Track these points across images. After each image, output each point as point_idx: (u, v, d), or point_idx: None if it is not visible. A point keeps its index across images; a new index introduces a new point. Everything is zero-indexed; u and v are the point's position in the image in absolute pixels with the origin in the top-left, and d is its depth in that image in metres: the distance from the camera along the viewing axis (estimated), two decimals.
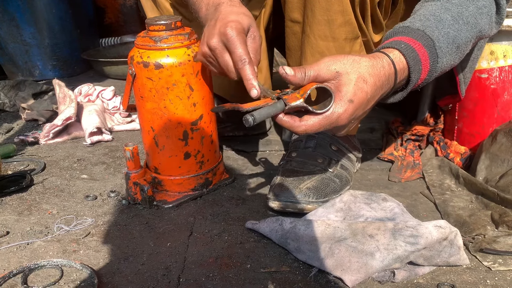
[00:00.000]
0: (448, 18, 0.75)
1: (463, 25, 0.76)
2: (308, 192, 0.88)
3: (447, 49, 0.74)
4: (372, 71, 0.67)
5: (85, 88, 1.44)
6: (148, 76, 0.87)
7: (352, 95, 0.65)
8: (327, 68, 0.66)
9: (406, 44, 0.71)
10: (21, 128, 1.40)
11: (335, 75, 0.66)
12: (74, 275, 0.74)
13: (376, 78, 0.67)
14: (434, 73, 0.74)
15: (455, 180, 0.98)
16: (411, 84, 0.73)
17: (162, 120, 0.90)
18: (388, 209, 0.82)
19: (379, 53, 0.71)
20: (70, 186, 1.04)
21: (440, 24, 0.74)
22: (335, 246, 0.72)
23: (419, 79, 0.73)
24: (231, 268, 0.75)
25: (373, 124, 1.30)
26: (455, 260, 0.72)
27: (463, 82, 0.96)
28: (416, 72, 0.72)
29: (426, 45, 0.72)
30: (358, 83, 0.65)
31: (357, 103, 0.66)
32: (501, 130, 0.94)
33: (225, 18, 0.75)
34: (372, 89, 0.67)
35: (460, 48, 0.77)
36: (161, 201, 0.94)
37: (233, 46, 0.73)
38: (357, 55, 0.68)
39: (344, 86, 0.65)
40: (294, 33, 0.93)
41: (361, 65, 0.66)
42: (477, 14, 0.78)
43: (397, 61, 0.70)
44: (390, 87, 0.70)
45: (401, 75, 0.71)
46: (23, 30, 1.85)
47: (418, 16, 0.76)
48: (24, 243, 0.83)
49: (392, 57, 0.69)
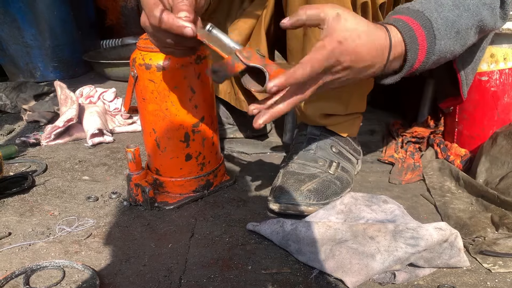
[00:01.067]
0: (448, 3, 0.75)
1: (464, 11, 0.76)
2: (309, 194, 0.88)
3: (445, 32, 0.74)
4: (368, 32, 0.66)
5: (86, 89, 1.45)
6: (150, 78, 0.87)
7: (342, 38, 0.64)
8: (332, 7, 0.65)
9: (404, 21, 0.71)
10: (23, 129, 1.40)
11: (335, 16, 0.65)
12: (76, 276, 0.74)
13: (371, 43, 0.66)
14: (432, 56, 0.74)
15: (455, 182, 0.98)
16: (408, 63, 0.72)
17: (163, 122, 0.90)
18: (389, 211, 0.82)
19: (379, 24, 0.71)
20: (72, 187, 1.04)
21: (440, 8, 0.74)
22: (336, 248, 0.73)
23: (416, 60, 0.73)
24: (232, 269, 0.75)
25: (374, 126, 1.30)
26: (456, 262, 0.73)
27: (465, 83, 0.96)
28: (413, 51, 0.71)
29: (424, 25, 0.72)
30: (352, 34, 0.65)
31: (345, 48, 0.64)
32: (501, 132, 0.94)
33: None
34: (364, 48, 0.66)
35: (460, 34, 0.76)
36: (162, 202, 0.94)
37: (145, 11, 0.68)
38: (361, 17, 0.68)
39: (338, 25, 0.64)
40: (296, 36, 0.93)
41: (361, 24, 0.66)
42: (479, 3, 0.78)
43: (394, 35, 0.70)
44: (383, 60, 0.70)
45: (395, 51, 0.70)
46: (25, 31, 1.86)
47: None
48: (26, 244, 0.83)
49: (390, 30, 0.70)
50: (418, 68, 0.75)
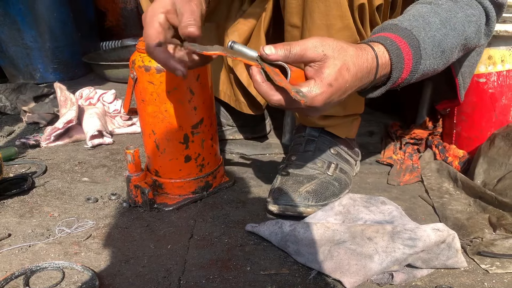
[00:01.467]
0: (436, 22, 0.76)
1: (450, 30, 0.77)
2: (307, 196, 0.89)
3: (431, 52, 0.74)
4: (356, 61, 0.67)
5: (86, 91, 1.45)
6: (150, 80, 0.88)
7: (333, 79, 0.64)
8: (315, 49, 0.65)
9: (392, 41, 0.71)
10: (22, 131, 1.41)
11: (322, 57, 0.65)
12: (76, 277, 0.75)
13: (358, 69, 0.67)
14: (416, 74, 0.74)
15: (453, 183, 0.99)
16: (390, 81, 0.73)
17: (163, 124, 0.91)
18: (387, 212, 0.82)
19: (365, 45, 0.71)
20: (71, 188, 1.04)
21: (428, 27, 0.75)
22: (334, 249, 0.73)
23: (399, 78, 0.73)
24: (231, 270, 0.76)
25: (372, 127, 1.31)
26: (453, 263, 0.73)
27: (463, 87, 0.96)
28: (398, 70, 0.72)
29: (411, 45, 0.72)
30: (341, 70, 0.65)
31: (335, 88, 0.65)
32: (499, 134, 0.95)
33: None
34: (352, 79, 0.67)
35: (445, 53, 0.77)
36: (161, 203, 0.94)
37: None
38: (344, 42, 0.68)
39: (327, 69, 0.65)
40: (293, 38, 0.93)
41: (348, 54, 0.66)
42: (465, 21, 0.79)
43: (380, 56, 0.70)
44: (369, 80, 0.70)
45: (382, 70, 0.71)
46: (25, 33, 1.86)
47: (408, 16, 0.77)
48: (26, 245, 0.83)
49: (377, 51, 0.70)
50: (400, 84, 0.75)
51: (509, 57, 0.99)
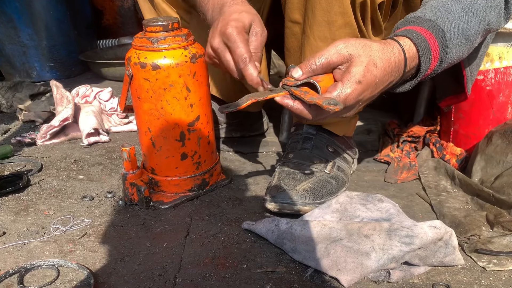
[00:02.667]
0: (458, 10, 0.76)
1: (473, 17, 0.77)
2: (304, 194, 0.88)
3: (457, 40, 0.75)
4: (382, 55, 0.68)
5: (82, 89, 1.45)
6: (145, 77, 0.87)
7: (361, 76, 0.66)
8: (339, 52, 0.67)
9: (418, 33, 0.72)
10: (18, 129, 1.40)
11: (347, 58, 0.67)
12: (71, 275, 0.74)
13: (386, 63, 0.68)
14: (443, 64, 0.75)
15: (451, 181, 0.98)
16: (420, 73, 0.74)
17: (159, 121, 0.90)
18: (384, 210, 0.82)
19: (390, 40, 0.72)
20: (67, 186, 1.04)
21: (451, 16, 0.75)
22: (331, 246, 0.73)
23: (428, 69, 0.74)
24: (227, 268, 0.75)
25: (370, 125, 1.30)
26: (450, 260, 0.73)
27: (470, 79, 0.96)
28: (426, 62, 0.73)
29: (437, 35, 0.73)
30: (369, 66, 0.66)
31: (365, 84, 0.67)
32: (497, 131, 0.94)
33: (226, 18, 0.77)
34: (381, 73, 0.68)
35: (469, 40, 0.78)
36: (158, 201, 0.94)
37: (234, 46, 0.75)
38: (367, 40, 0.70)
39: (354, 67, 0.66)
40: (294, 34, 0.93)
41: (372, 49, 0.68)
42: (486, 7, 0.79)
43: (407, 49, 0.71)
44: (399, 74, 0.71)
45: (411, 63, 0.72)
46: (21, 31, 1.85)
47: (429, 7, 0.77)
48: (21, 244, 0.83)
49: (403, 44, 0.70)
50: (429, 75, 0.76)
51: (506, 54, 0.99)
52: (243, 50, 0.74)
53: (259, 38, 0.78)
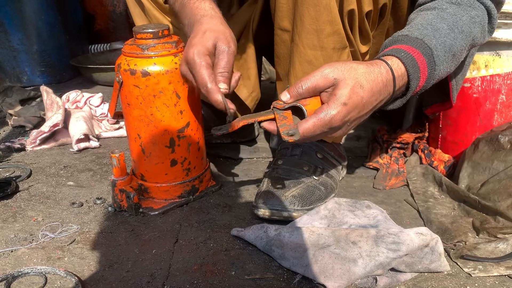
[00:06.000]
0: (444, 27, 0.78)
1: (458, 33, 0.79)
2: (293, 200, 0.89)
3: (444, 57, 0.77)
4: (369, 77, 0.69)
5: (73, 94, 1.44)
6: (135, 84, 0.87)
7: (346, 98, 0.67)
8: (325, 77, 0.69)
9: (406, 52, 0.73)
10: (8, 134, 1.39)
11: (333, 82, 0.68)
12: (58, 283, 0.74)
13: (373, 84, 0.69)
14: (432, 80, 0.77)
15: (438, 187, 0.99)
16: (410, 91, 0.75)
17: (148, 127, 0.90)
18: (372, 216, 0.83)
19: (378, 60, 0.73)
20: (56, 193, 1.03)
21: (437, 33, 0.77)
22: (318, 253, 0.73)
23: (417, 86, 0.76)
24: (215, 275, 0.75)
25: (359, 132, 1.31)
26: (436, 267, 0.73)
27: (455, 89, 0.98)
28: (415, 80, 0.74)
29: (425, 54, 0.74)
30: (354, 88, 0.68)
31: (351, 106, 0.68)
32: (483, 138, 0.96)
33: (190, 42, 0.78)
34: (368, 94, 0.69)
35: (455, 56, 0.80)
36: (147, 208, 0.94)
37: (194, 73, 0.76)
38: (354, 62, 0.71)
39: (340, 90, 0.68)
40: (283, 41, 0.94)
41: (358, 72, 0.69)
42: (470, 23, 0.81)
43: (396, 68, 0.72)
44: (389, 93, 0.72)
45: (400, 81, 0.73)
46: (12, 35, 1.85)
47: (416, 25, 0.79)
48: (8, 251, 0.82)
49: (391, 64, 0.72)
50: (418, 92, 0.78)
51: (492, 62, 1.00)
52: (204, 77, 0.75)
53: (225, 56, 0.78)
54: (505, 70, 1.00)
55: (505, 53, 0.99)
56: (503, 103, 1.02)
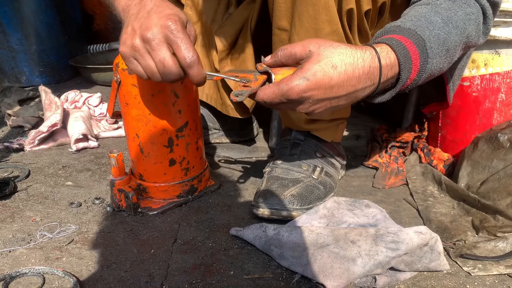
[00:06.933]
0: (438, 21, 0.75)
1: (453, 28, 0.76)
2: (292, 199, 0.89)
3: (437, 50, 0.74)
4: (346, 59, 0.66)
5: (71, 94, 1.44)
6: (133, 83, 0.87)
7: (310, 74, 0.65)
8: (303, 46, 0.67)
9: (398, 41, 0.70)
10: (6, 134, 1.39)
11: (307, 54, 0.66)
12: (56, 283, 0.74)
13: (350, 68, 0.66)
14: (424, 74, 0.73)
15: (437, 186, 0.99)
16: (400, 82, 0.71)
17: (147, 127, 0.90)
18: (371, 215, 0.82)
19: (367, 45, 0.69)
20: (55, 193, 1.03)
21: (431, 26, 0.74)
22: (317, 252, 0.73)
23: (408, 78, 0.72)
24: (214, 275, 0.75)
25: (359, 131, 1.31)
26: (436, 266, 0.73)
27: (452, 89, 0.97)
28: (406, 70, 0.70)
29: (417, 44, 0.71)
30: (324, 66, 0.65)
31: (313, 83, 0.65)
32: (482, 137, 0.95)
33: (162, 12, 0.70)
34: (341, 77, 0.65)
35: (449, 52, 0.76)
36: (146, 208, 0.94)
37: (179, 41, 0.69)
38: (338, 43, 0.68)
39: (308, 64, 0.65)
40: (281, 41, 0.93)
41: (336, 51, 0.66)
42: (465, 19, 0.79)
43: (384, 56, 0.68)
44: (373, 83, 0.69)
45: (388, 71, 0.69)
46: (10, 36, 1.85)
47: (409, 17, 0.76)
48: (6, 251, 0.82)
49: (380, 51, 0.68)
50: (409, 86, 0.74)
51: (492, 61, 1.00)
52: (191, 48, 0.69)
53: (193, 39, 0.73)
54: (505, 68, 1.00)
55: (505, 52, 0.99)
56: (502, 101, 1.02)
